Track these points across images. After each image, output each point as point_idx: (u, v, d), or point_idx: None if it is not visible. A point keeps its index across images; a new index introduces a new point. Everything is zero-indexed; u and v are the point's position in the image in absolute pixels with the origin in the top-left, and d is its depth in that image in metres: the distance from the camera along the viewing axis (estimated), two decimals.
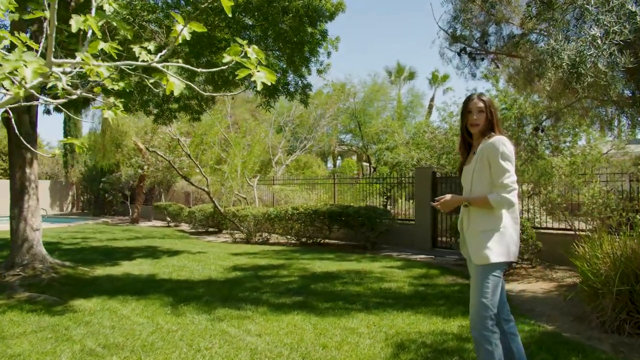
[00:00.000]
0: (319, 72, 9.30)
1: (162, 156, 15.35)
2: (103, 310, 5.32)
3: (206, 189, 13.89)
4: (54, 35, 2.26)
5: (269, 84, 2.48)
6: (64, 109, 3.75)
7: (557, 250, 7.24)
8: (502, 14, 8.14)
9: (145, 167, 19.43)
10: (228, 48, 2.65)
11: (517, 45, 6.58)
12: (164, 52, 2.78)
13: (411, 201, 13.99)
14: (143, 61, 2.68)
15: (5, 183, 25.85)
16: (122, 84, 4.07)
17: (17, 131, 7.18)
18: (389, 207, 14.23)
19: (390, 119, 28.36)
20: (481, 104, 2.93)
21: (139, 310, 5.35)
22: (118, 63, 2.58)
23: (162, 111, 10.27)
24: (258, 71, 2.48)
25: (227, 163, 15.17)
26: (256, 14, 6.07)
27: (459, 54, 9.20)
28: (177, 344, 4.19)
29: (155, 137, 17.91)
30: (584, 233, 6.42)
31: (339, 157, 35.62)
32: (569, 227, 8.08)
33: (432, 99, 33.25)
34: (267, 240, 13.06)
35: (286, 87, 7.39)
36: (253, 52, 2.66)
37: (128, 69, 3.36)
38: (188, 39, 2.62)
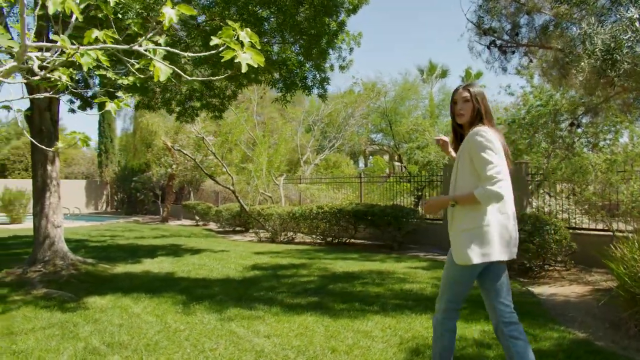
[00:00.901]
0: (342, 68, 9.08)
1: (187, 155, 15.43)
2: (114, 308, 5.25)
3: (232, 187, 13.86)
4: (24, 15, 2.14)
5: (255, 65, 2.29)
6: (70, 106, 3.66)
7: (593, 252, 6.80)
8: (534, 3, 7.73)
9: (174, 166, 19.63)
10: (219, 32, 2.48)
11: (547, 32, 6.17)
12: (149, 34, 2.63)
13: None
14: (128, 45, 2.54)
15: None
16: (131, 79, 3.97)
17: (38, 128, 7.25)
18: (420, 207, 13.87)
19: (422, 117, 27.83)
20: (466, 94, 2.79)
21: (150, 308, 5.25)
22: (97, 47, 2.44)
23: (185, 109, 10.26)
24: (244, 52, 2.30)
25: (253, 162, 15.11)
26: (271, 6, 5.91)
27: (488, 47, 8.80)
28: (182, 344, 4.05)
29: (183, 137, 18.03)
30: (622, 234, 5.98)
31: (370, 157, 35.26)
32: (606, 228, 7.60)
33: None
34: (292, 239, 12.92)
35: (303, 81, 7.19)
36: (246, 35, 2.47)
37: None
38: (175, 21, 2.45)
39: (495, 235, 2.63)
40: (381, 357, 3.73)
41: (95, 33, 2.66)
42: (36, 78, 2.59)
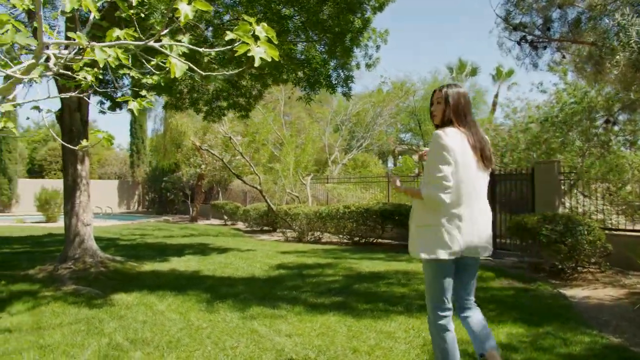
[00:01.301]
0: (368, 66, 8.99)
1: (214, 154, 15.58)
2: (139, 305, 5.31)
3: (258, 187, 13.92)
4: (40, 12, 2.16)
5: (269, 59, 2.25)
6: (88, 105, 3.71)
7: (630, 254, 6.54)
8: None
9: (203, 166, 19.87)
10: (235, 27, 2.46)
11: (580, 26, 5.95)
12: (164, 31, 2.62)
13: None
14: (141, 41, 2.54)
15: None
16: (156, 78, 4.00)
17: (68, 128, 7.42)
18: None
19: None
20: (439, 95, 2.85)
21: (174, 306, 5.29)
22: (112, 43, 2.45)
23: (212, 109, 10.35)
24: (257, 46, 2.27)
25: (280, 161, 15.15)
26: (294, 4, 5.88)
27: (518, 43, 8.57)
28: (204, 341, 4.06)
29: (211, 137, 18.23)
30: None
31: (400, 157, 34.96)
32: None
33: (496, 95, 31.83)
34: (319, 239, 12.89)
35: (328, 80, 7.13)
36: (262, 30, 2.44)
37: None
38: (191, 17, 2.44)
39: (445, 235, 2.68)
40: (403, 358, 3.65)
41: (117, 32, 2.68)
42: (60, 76, 2.62)
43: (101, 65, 2.40)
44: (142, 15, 5.42)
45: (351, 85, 7.44)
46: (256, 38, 2.40)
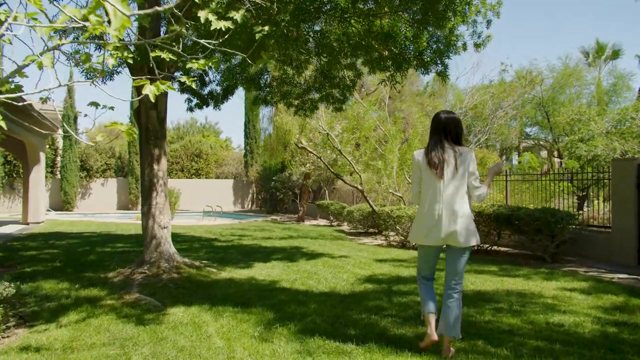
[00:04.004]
0: (477, 46, 7.56)
1: (311, 152, 14.90)
2: (189, 325, 4.61)
3: (359, 187, 12.94)
4: None
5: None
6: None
7: None
8: None
9: (307, 165, 19.38)
10: None
11: None
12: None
13: (605, 203, 11.19)
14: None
15: (190, 182, 28.78)
16: (202, 62, 3.28)
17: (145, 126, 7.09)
18: (585, 208, 11.51)
19: (586, 105, 23.96)
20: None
21: (227, 328, 4.51)
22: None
23: (303, 102, 9.62)
24: None
25: (385, 159, 13.98)
26: None
27: None
28: None
29: (317, 135, 17.60)
30: None
31: (525, 153, 31.66)
32: None
33: None
34: None
35: (419, 57, 5.89)
36: None
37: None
38: None
39: (415, 225, 3.82)
40: None
41: None
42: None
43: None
44: None
45: (447, 63, 6.10)
46: None
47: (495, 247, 10.40)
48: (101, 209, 26.03)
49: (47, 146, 25.86)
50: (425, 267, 3.88)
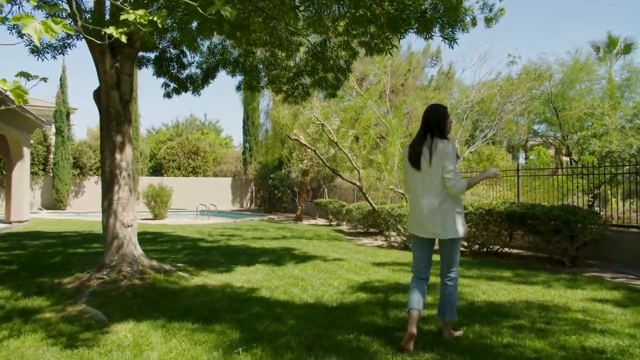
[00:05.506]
0: (488, 20, 6.58)
1: (304, 144, 13.96)
2: (129, 348, 3.66)
3: (358, 183, 11.97)
4: None
5: None
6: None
7: None
8: None
9: (305, 160, 18.40)
10: None
11: None
12: None
13: (631, 200, 10.22)
14: None
15: (187, 181, 27.83)
16: (140, 12, 2.53)
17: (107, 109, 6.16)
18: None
19: (598, 100, 22.88)
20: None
21: (175, 352, 3.56)
22: None
23: (293, 88, 8.67)
24: None
25: (385, 153, 12.99)
26: None
27: None
28: None
29: (313, 129, 16.60)
30: None
31: (533, 149, 30.54)
32: None
33: None
34: None
35: (422, 16, 4.89)
36: None
37: None
38: None
39: (408, 215, 4.00)
40: None
41: None
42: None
43: None
44: None
45: (452, 23, 5.10)
46: None
47: (506, 249, 9.42)
48: (95, 207, 25.07)
49: (40, 143, 25.01)
50: (418, 258, 3.94)
